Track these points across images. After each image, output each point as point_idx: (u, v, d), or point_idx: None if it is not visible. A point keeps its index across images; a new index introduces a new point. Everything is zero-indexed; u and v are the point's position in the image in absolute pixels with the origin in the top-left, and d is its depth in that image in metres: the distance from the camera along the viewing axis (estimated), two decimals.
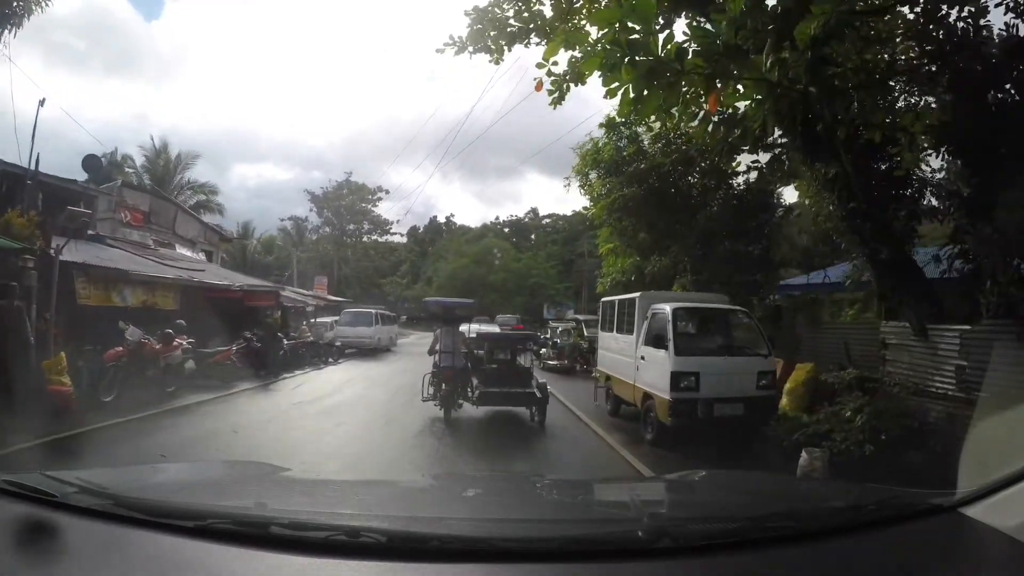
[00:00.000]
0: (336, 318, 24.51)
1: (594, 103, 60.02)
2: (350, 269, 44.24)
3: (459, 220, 69.53)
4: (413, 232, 69.44)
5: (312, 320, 24.27)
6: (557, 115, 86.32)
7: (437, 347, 9.80)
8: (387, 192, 45.24)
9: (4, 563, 1.19)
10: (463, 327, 10.74)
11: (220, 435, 8.42)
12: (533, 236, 66.42)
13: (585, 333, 19.05)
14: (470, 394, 9.52)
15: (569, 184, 16.07)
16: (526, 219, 69.64)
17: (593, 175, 15.47)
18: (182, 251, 22.68)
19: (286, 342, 16.38)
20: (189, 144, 69.03)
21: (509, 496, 2.21)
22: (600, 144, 15.03)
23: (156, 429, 8.76)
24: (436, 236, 63.37)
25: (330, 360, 19.36)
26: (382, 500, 2.03)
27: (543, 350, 19.64)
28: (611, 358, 10.44)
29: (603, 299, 11.55)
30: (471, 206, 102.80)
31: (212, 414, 10.15)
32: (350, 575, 1.21)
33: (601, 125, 15.33)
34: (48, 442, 7.05)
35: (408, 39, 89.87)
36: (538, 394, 9.38)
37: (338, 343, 20.41)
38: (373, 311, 24.73)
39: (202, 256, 26.38)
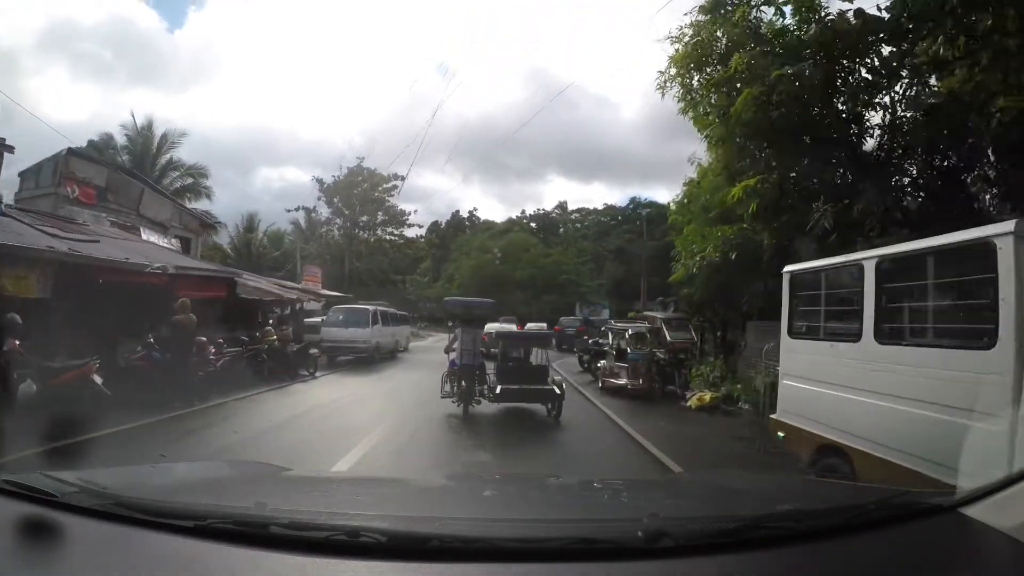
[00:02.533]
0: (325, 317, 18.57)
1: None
2: (362, 264, 38.36)
3: (483, 216, 63.32)
4: (434, 228, 63.83)
5: (303, 320, 18.37)
6: (578, 116, 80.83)
7: (455, 345, 9.65)
8: (403, 179, 39.27)
9: (4, 563, 1.17)
10: (490, 326, 11.22)
11: None
12: (561, 230, 59.98)
13: (668, 338, 12.59)
14: (487, 391, 9.36)
15: (664, 87, 9.70)
16: (554, 213, 63.02)
17: (696, 80, 9.03)
18: (149, 236, 18.30)
19: (213, 350, 10.29)
20: (211, 149, 63.87)
21: (510, 496, 2.16)
22: (713, 27, 8.59)
23: None
24: (458, 232, 57.47)
25: (305, 373, 13.33)
26: (382, 500, 1.99)
27: (600, 363, 13.24)
28: (842, 402, 4.22)
29: (790, 268, 5.14)
30: (493, 208, 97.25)
31: None
32: (350, 575, 1.17)
33: (703, 8, 9.04)
34: None
35: (429, 43, 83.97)
36: (556, 391, 9.15)
37: (314, 351, 14.31)
38: (371, 308, 18.78)
39: (175, 244, 20.86)
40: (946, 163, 7.67)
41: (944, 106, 7.77)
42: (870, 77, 7.98)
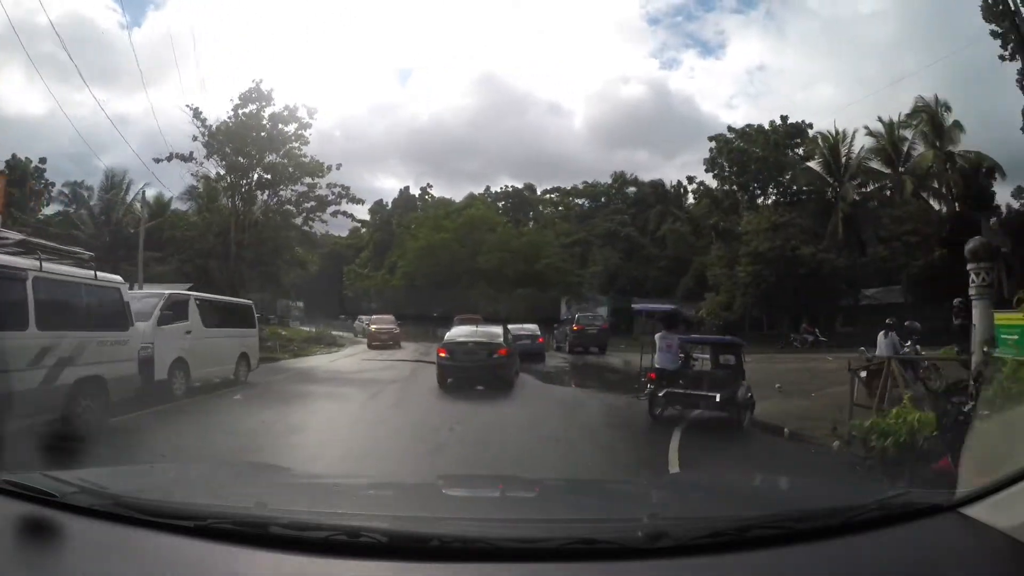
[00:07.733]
0: None
1: None
2: (249, 237, 24.46)
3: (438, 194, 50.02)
4: (378, 208, 50.27)
5: None
6: (525, 123, 69.74)
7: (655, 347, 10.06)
8: (316, 111, 25.52)
9: (4, 563, 1.16)
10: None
11: None
12: (532, 213, 47.57)
13: None
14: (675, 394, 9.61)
15: None
16: (524, 192, 50.14)
17: None
18: None
19: None
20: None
21: (510, 496, 2.19)
22: None
23: None
24: (409, 213, 44.39)
25: None
26: (382, 500, 2.02)
27: None
28: None
29: None
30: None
31: None
32: (350, 575, 1.17)
33: None
34: None
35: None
36: (739, 399, 8.55)
37: None
38: None
39: None
40: None
41: None
42: None
